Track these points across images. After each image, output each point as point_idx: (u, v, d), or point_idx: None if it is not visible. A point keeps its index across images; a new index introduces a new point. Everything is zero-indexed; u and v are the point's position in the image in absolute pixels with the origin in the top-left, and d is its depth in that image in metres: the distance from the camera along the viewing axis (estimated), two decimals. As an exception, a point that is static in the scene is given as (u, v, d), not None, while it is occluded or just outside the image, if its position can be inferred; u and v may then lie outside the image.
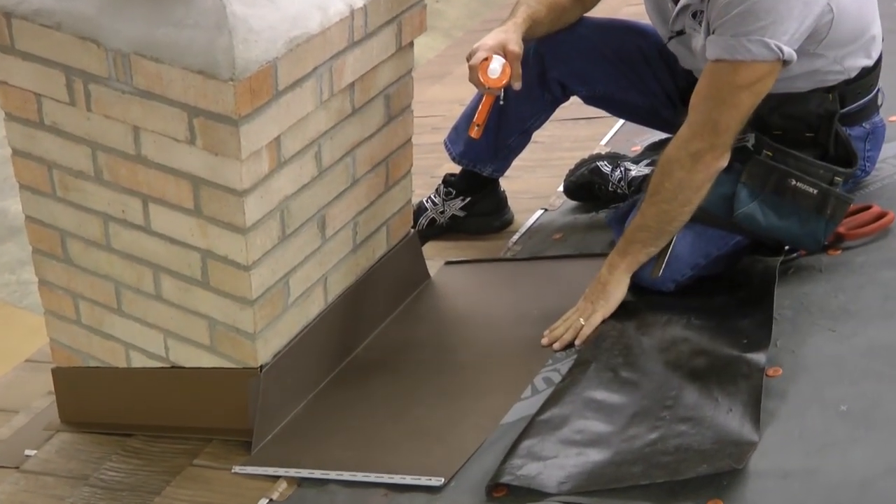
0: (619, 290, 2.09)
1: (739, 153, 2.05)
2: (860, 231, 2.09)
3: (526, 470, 1.74)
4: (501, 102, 2.31)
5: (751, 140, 2.05)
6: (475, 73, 2.21)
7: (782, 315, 1.94)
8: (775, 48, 1.91)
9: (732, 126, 1.98)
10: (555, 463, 1.75)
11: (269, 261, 1.97)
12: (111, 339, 2.17)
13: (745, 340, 1.89)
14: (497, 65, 2.18)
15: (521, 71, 2.23)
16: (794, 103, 2.07)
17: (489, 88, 2.22)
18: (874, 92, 2.17)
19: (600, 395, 1.89)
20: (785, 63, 1.94)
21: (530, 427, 1.85)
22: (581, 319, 2.07)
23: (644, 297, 2.13)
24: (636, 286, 2.14)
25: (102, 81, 1.89)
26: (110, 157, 1.96)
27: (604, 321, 2.09)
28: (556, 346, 2.07)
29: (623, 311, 2.10)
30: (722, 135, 1.98)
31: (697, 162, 1.99)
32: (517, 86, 2.25)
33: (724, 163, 2.01)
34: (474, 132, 2.31)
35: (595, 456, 1.75)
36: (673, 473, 1.65)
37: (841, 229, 2.08)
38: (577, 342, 2.06)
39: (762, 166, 2.04)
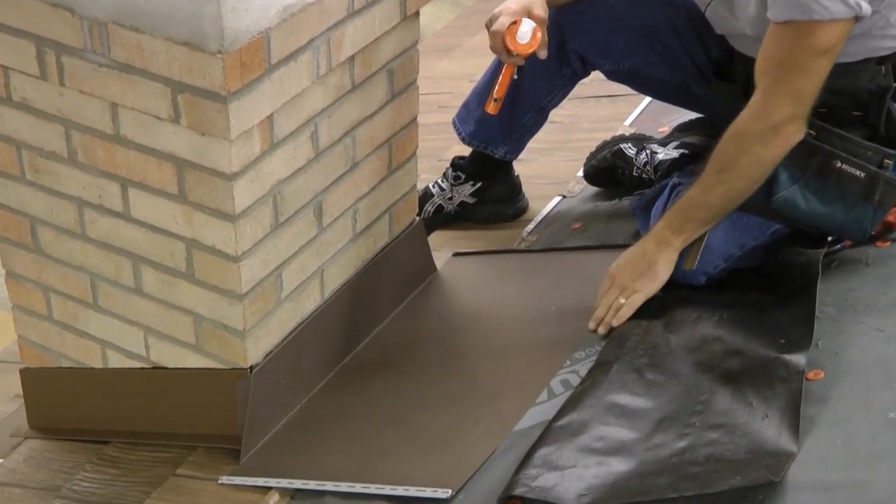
0: (666, 271, 2.08)
1: None
2: None
3: (542, 481, 1.75)
4: (516, 77, 2.31)
5: None
6: (499, 40, 2.20)
7: (824, 313, 1.95)
8: (854, 3, 1.89)
9: (813, 94, 1.96)
10: (573, 473, 1.76)
11: (260, 251, 1.98)
12: (86, 337, 2.18)
13: (784, 340, 1.90)
14: (528, 28, 2.18)
15: (546, 38, 2.23)
16: (844, 77, 2.07)
17: (516, 55, 2.22)
18: None
19: (623, 398, 1.90)
20: (858, 19, 1.92)
21: (546, 434, 1.86)
22: (621, 299, 2.07)
23: (672, 292, 2.14)
24: None
25: (77, 53, 1.90)
26: (86, 136, 1.97)
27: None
28: (601, 329, 2.08)
29: (648, 307, 2.11)
30: (804, 104, 1.97)
31: (777, 135, 1.98)
32: (543, 54, 2.25)
33: (802, 135, 2.00)
34: (492, 107, 2.31)
35: (618, 466, 1.76)
36: (703, 486, 1.65)
37: (889, 218, 2.09)
38: (614, 323, 2.07)
39: (804, 147, 2.04)
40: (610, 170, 2.61)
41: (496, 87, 2.28)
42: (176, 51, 1.80)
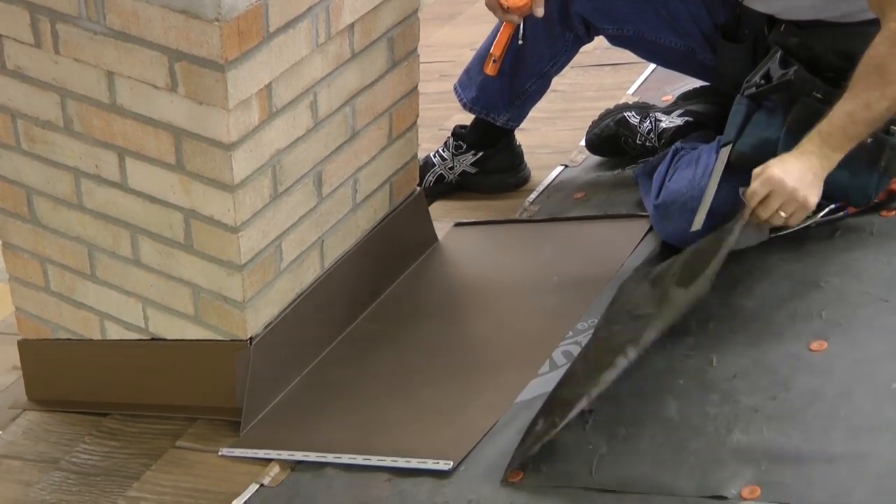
0: (820, 190, 2.01)
1: (784, 92, 2.05)
2: None
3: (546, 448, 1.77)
4: (521, 41, 2.31)
5: (795, 73, 2.04)
6: None
7: (829, 283, 1.96)
8: None
9: None
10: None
11: (259, 222, 1.99)
12: (84, 309, 2.19)
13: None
14: None
15: None
16: (853, 40, 2.06)
17: (509, 10, 2.21)
18: None
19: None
20: None
21: (552, 407, 1.87)
22: (782, 212, 1.98)
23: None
24: (659, 247, 2.17)
25: (72, 20, 1.90)
26: (81, 105, 1.97)
27: (620, 289, 2.11)
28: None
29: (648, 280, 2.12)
30: None
31: None
32: (539, 12, 2.24)
33: None
34: (490, 68, 2.30)
35: None
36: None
37: (894, 185, 2.10)
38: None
39: (810, 110, 2.04)
40: (613, 138, 2.60)
41: (493, 46, 2.28)
42: (173, 18, 1.80)
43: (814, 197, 1.98)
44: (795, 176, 1.97)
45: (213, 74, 1.82)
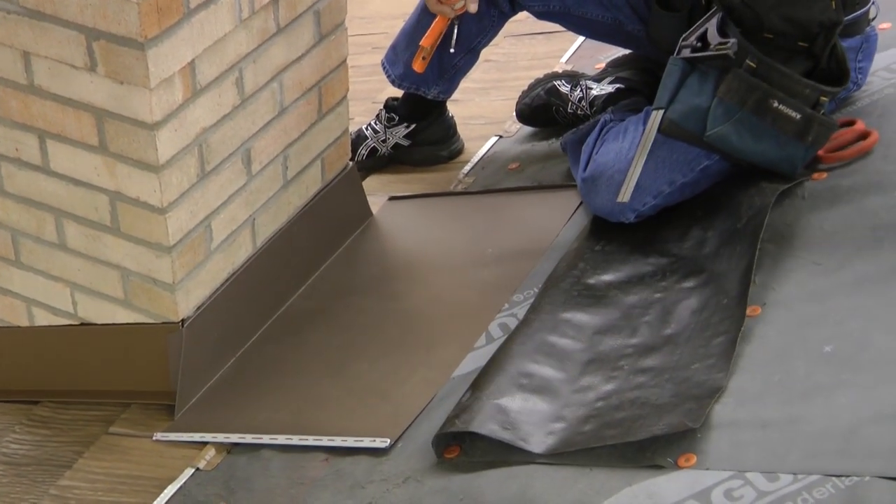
0: None
1: (720, 61, 2.05)
2: (838, 155, 2.11)
3: (465, 415, 1.77)
4: (452, 49, 2.36)
5: (733, 48, 2.04)
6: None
7: (762, 248, 1.96)
8: None
9: None
10: (495, 405, 1.77)
11: (187, 202, 1.96)
12: (10, 296, 2.16)
13: (726, 301, 1.86)
14: None
15: None
16: (798, 6, 2.06)
17: (454, 7, 2.23)
18: (871, 2, 2.20)
19: (554, 338, 1.91)
20: None
21: (478, 376, 1.87)
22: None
23: (605, 235, 2.14)
24: (594, 218, 2.17)
25: (-15, 0, 1.86)
26: (-2, 87, 1.93)
27: (563, 260, 2.10)
28: None
29: (587, 249, 2.12)
30: None
31: None
32: (473, 8, 2.27)
33: None
34: (419, 64, 2.34)
35: (541, 405, 1.77)
36: (625, 434, 1.66)
37: (819, 152, 2.11)
38: None
39: (743, 82, 2.04)
40: (543, 107, 2.59)
41: (424, 38, 2.29)
42: (89, -5, 1.76)
43: None
44: None
45: (132, 53, 1.79)
